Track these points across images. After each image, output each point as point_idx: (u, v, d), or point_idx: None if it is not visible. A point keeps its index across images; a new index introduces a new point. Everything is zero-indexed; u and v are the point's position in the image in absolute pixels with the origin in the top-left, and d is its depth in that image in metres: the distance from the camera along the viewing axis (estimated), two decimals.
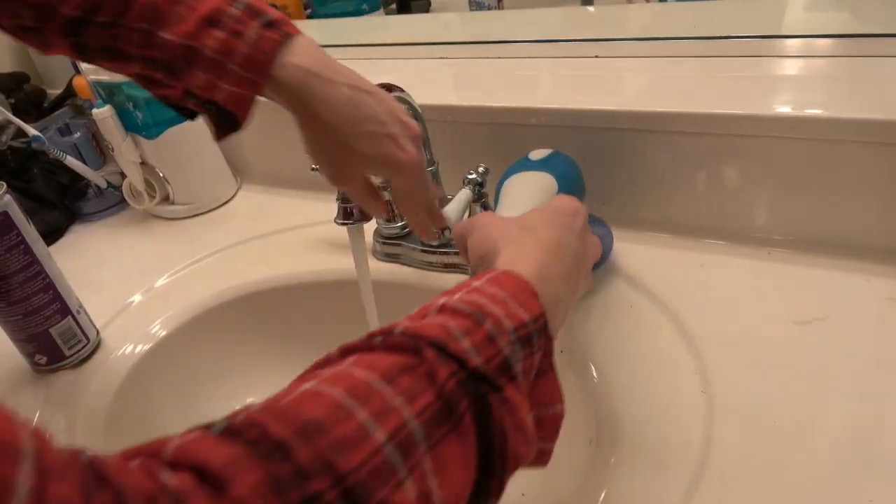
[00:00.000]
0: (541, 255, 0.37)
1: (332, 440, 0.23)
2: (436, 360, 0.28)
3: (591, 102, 0.61)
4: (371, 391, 0.26)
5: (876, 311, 0.50)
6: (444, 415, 0.27)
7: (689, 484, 0.41)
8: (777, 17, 0.75)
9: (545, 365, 0.34)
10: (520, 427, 0.29)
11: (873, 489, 0.38)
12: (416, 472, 0.25)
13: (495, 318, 0.31)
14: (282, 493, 0.21)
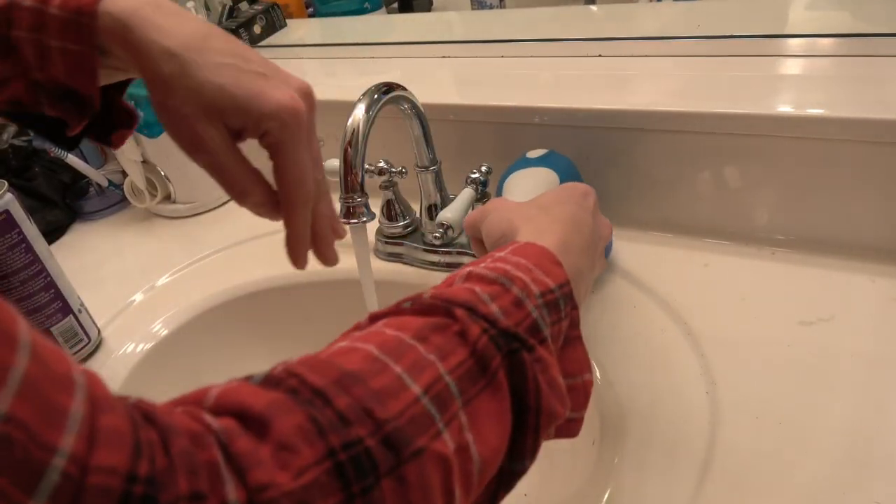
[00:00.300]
0: (560, 228, 0.38)
1: (370, 390, 0.24)
2: (467, 320, 0.28)
3: (595, 102, 0.61)
4: (404, 347, 0.26)
5: (881, 312, 0.49)
6: (477, 372, 0.27)
7: (693, 485, 0.41)
8: (779, 16, 0.74)
9: (572, 335, 0.34)
10: (552, 385, 0.29)
11: (879, 490, 0.38)
12: (454, 423, 0.25)
13: (522, 282, 0.31)
14: (324, 435, 0.21)
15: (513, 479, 0.29)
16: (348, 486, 0.21)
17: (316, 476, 0.21)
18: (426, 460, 0.23)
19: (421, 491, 0.23)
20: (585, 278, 0.38)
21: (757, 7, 0.78)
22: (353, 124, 0.49)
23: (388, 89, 0.52)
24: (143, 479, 0.18)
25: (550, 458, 0.56)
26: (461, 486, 0.25)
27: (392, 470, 0.22)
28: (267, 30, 0.98)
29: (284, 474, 0.20)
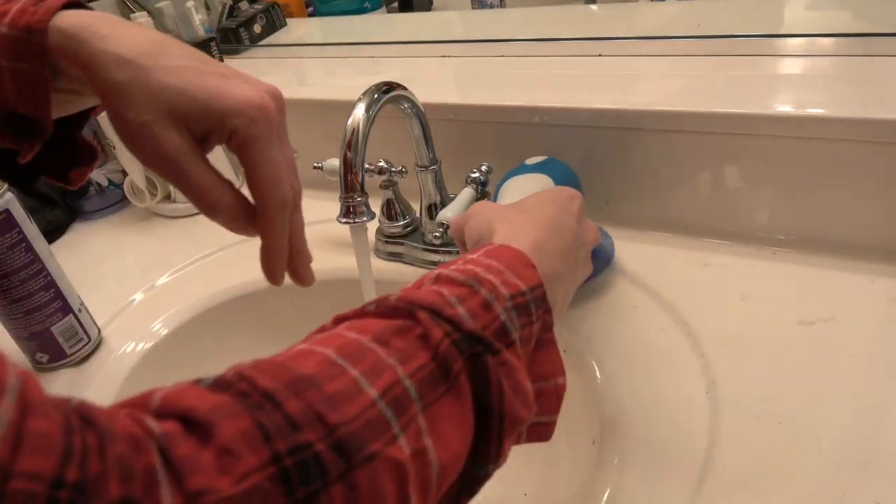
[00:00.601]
0: (537, 230, 0.37)
1: (323, 394, 0.23)
2: (430, 323, 0.27)
3: (595, 101, 0.61)
4: (363, 350, 0.25)
5: (881, 312, 0.49)
6: (439, 376, 0.26)
7: (693, 485, 0.41)
8: (779, 16, 0.74)
9: (545, 338, 0.33)
10: (517, 390, 0.29)
11: (878, 490, 0.38)
12: (411, 428, 0.24)
13: (491, 285, 0.31)
14: (269, 440, 0.21)
15: (476, 484, 0.28)
16: (292, 492, 0.20)
17: (258, 481, 0.20)
18: (379, 466, 0.23)
19: (372, 498, 0.22)
20: (564, 281, 0.37)
21: (757, 7, 0.78)
22: (353, 124, 0.49)
23: (388, 89, 0.52)
24: (70, 484, 0.17)
25: (550, 457, 0.56)
26: (417, 492, 0.24)
27: (342, 476, 0.22)
28: (267, 29, 0.98)
29: (224, 480, 0.19)
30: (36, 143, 0.36)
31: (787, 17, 0.75)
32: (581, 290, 0.57)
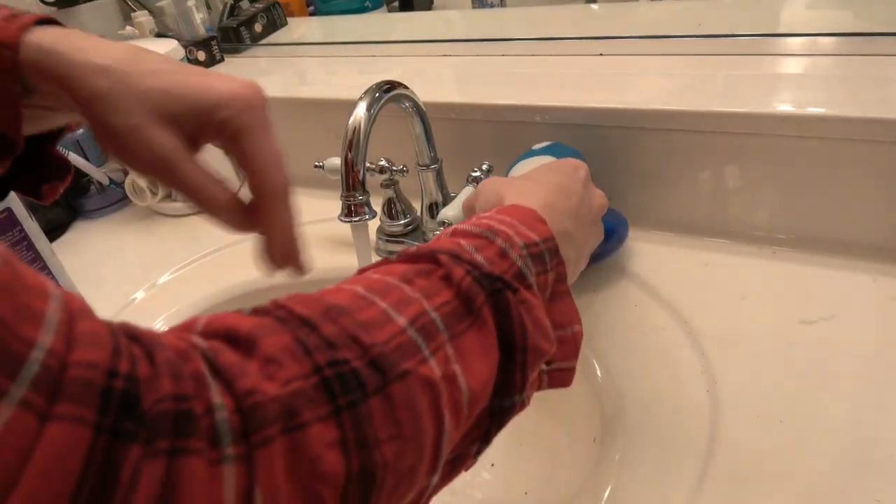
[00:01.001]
0: (546, 193, 0.39)
1: (356, 321, 0.24)
2: (451, 264, 0.29)
3: (596, 101, 0.61)
4: (390, 287, 0.27)
5: (882, 311, 0.49)
6: (463, 311, 0.27)
7: (694, 482, 0.41)
8: (779, 15, 0.74)
9: (560, 289, 0.35)
10: (538, 324, 0.30)
11: (879, 489, 0.38)
12: (440, 354, 0.25)
13: (506, 235, 0.32)
14: (310, 354, 0.22)
15: (504, 417, 0.29)
16: (335, 399, 0.21)
17: (302, 387, 0.21)
18: (413, 382, 0.24)
19: (408, 411, 0.23)
20: (575, 241, 0.39)
21: (758, 6, 0.78)
22: (354, 123, 0.49)
23: (389, 88, 0.52)
24: (123, 374, 0.18)
25: (551, 455, 0.56)
26: (451, 413, 0.25)
27: (379, 389, 0.23)
28: (268, 28, 0.98)
29: (271, 384, 0.20)
30: (6, 158, 0.36)
31: (788, 17, 0.75)
32: (581, 289, 0.57)
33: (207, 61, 0.91)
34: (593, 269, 0.59)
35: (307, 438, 0.20)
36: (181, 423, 0.18)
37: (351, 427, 0.21)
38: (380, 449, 0.22)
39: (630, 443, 0.44)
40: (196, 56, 0.90)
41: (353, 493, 0.21)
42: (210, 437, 0.18)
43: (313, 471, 0.20)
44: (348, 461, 0.21)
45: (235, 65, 0.93)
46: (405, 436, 0.23)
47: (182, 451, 0.18)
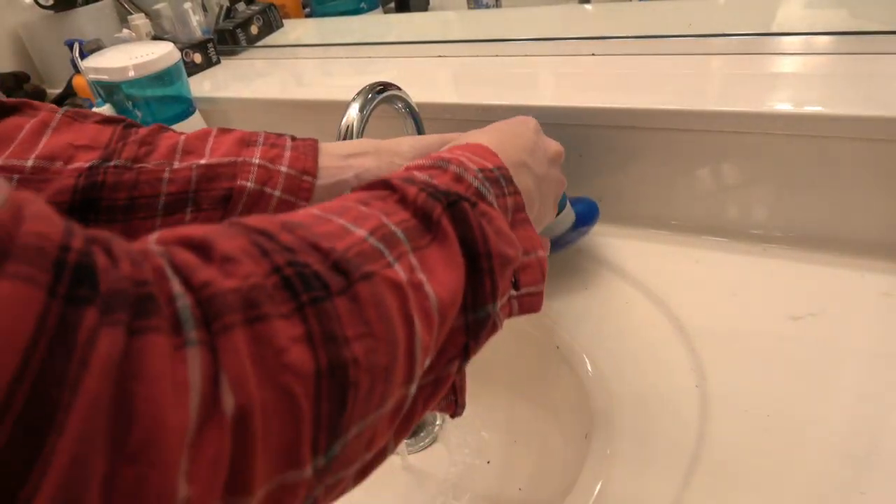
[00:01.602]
0: (495, 133, 0.40)
1: (314, 232, 0.23)
2: (405, 186, 0.28)
3: (587, 100, 0.61)
4: (347, 207, 0.26)
5: (870, 306, 0.50)
6: (423, 228, 0.27)
7: (683, 476, 0.41)
8: (772, 14, 0.75)
9: (519, 218, 0.35)
10: (500, 232, 0.29)
11: (864, 482, 0.39)
12: (404, 261, 0.25)
13: (459, 162, 0.32)
14: (268, 255, 0.21)
15: (479, 330, 0.29)
16: (297, 297, 0.20)
17: (261, 283, 0.20)
18: (378, 282, 0.23)
19: (376, 309, 0.22)
20: (533, 173, 0.39)
21: (751, 6, 0.78)
22: (346, 123, 0.49)
23: (382, 89, 0.52)
24: (77, 250, 0.16)
25: (544, 452, 0.56)
26: (421, 319, 0.24)
27: (344, 290, 0.22)
28: (264, 30, 0.99)
29: (229, 280, 0.19)
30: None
31: (782, 16, 0.75)
32: (572, 286, 0.57)
33: (204, 63, 0.92)
34: (583, 267, 0.59)
35: (270, 331, 0.19)
36: (142, 304, 0.17)
37: (316, 322, 0.20)
38: (349, 346, 0.21)
39: (620, 438, 0.45)
40: (192, 58, 0.90)
41: (327, 389, 0.20)
42: (172, 322, 0.17)
43: (279, 362, 0.19)
44: (316, 356, 0.20)
45: (232, 67, 0.94)
46: (375, 335, 0.22)
47: (143, 329, 0.17)
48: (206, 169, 0.38)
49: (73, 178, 0.36)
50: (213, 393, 0.17)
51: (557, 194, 0.45)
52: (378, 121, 0.53)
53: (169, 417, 0.16)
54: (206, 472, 0.17)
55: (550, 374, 0.57)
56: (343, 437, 0.21)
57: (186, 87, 0.80)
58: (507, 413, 0.64)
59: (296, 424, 0.19)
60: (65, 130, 0.38)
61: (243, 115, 0.84)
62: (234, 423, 0.18)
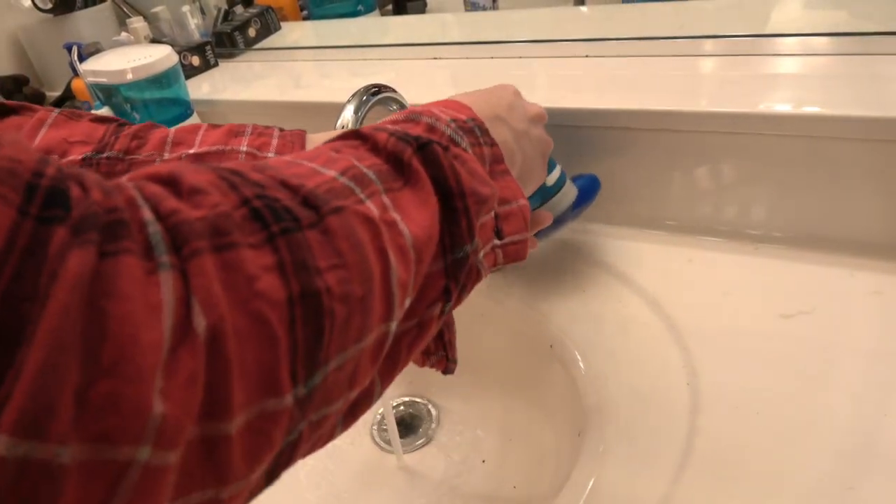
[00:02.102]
0: (471, 95, 0.40)
1: (285, 173, 0.23)
2: (375, 134, 0.28)
3: (580, 101, 0.62)
4: (318, 153, 0.26)
5: (860, 305, 0.51)
6: (395, 172, 0.27)
7: (674, 472, 0.42)
8: (765, 15, 0.76)
9: (498, 169, 0.35)
10: (472, 172, 0.29)
11: (852, 476, 0.39)
12: (375, 199, 0.25)
13: (431, 114, 0.33)
14: (236, 188, 0.21)
15: (459, 270, 0.28)
16: (267, 227, 0.20)
17: (229, 212, 0.20)
18: (349, 216, 0.23)
19: (349, 241, 0.22)
20: (511, 126, 0.40)
21: (744, 7, 0.79)
22: (341, 124, 0.50)
23: (376, 91, 0.53)
24: (50, 176, 0.16)
25: (538, 450, 0.57)
26: (395, 253, 0.24)
27: (314, 224, 0.22)
28: (262, 33, 0.99)
29: (197, 210, 0.19)
30: None
31: (774, 17, 0.76)
32: (566, 286, 0.58)
33: (202, 66, 0.93)
34: (577, 266, 0.60)
35: (239, 258, 0.19)
36: (114, 228, 0.17)
37: (287, 252, 0.20)
38: (321, 276, 0.21)
39: (613, 435, 0.45)
40: (191, 61, 0.91)
41: (302, 317, 0.20)
42: (144, 246, 0.18)
43: (251, 289, 0.19)
44: (287, 284, 0.20)
45: (230, 69, 0.94)
46: (348, 264, 0.22)
47: (116, 252, 0.17)
48: (194, 158, 0.39)
49: None
50: (185, 314, 0.18)
51: (545, 153, 0.45)
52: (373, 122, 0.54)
53: (142, 335, 0.16)
54: (181, 392, 0.17)
55: (544, 373, 0.57)
56: (323, 367, 0.21)
57: (184, 89, 0.80)
58: (502, 412, 0.64)
59: (272, 350, 0.19)
60: (61, 127, 0.39)
61: (241, 117, 0.85)
62: (208, 344, 0.18)
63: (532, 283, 0.60)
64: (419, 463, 0.64)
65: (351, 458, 0.65)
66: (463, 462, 0.62)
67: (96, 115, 0.41)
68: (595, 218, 0.62)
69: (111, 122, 0.41)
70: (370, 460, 0.65)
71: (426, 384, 0.70)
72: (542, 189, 0.54)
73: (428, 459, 0.64)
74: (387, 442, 0.65)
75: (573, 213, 0.57)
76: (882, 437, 0.41)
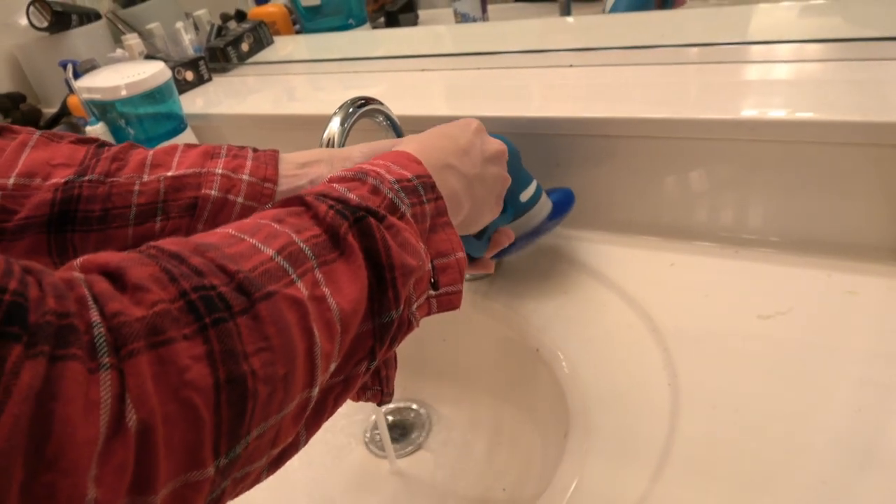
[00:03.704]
0: (426, 138, 0.42)
1: (224, 254, 0.25)
2: (317, 203, 0.30)
3: (563, 110, 0.63)
4: (260, 226, 0.28)
5: (836, 304, 0.52)
6: (331, 244, 0.29)
7: (654, 470, 0.43)
8: (744, 24, 0.77)
9: (440, 222, 0.37)
10: (404, 244, 0.32)
11: (826, 471, 0.40)
12: (308, 277, 0.27)
13: (377, 174, 0.34)
14: (176, 281, 0.23)
15: (385, 334, 0.31)
16: (201, 319, 0.23)
17: (167, 308, 0.22)
18: (279, 301, 0.25)
19: (275, 325, 0.25)
20: (462, 174, 0.41)
21: (724, 16, 0.80)
22: (327, 136, 0.51)
23: (363, 103, 0.54)
24: (12, 291, 0.19)
25: (526, 453, 0.58)
26: (321, 328, 0.26)
27: (245, 310, 0.24)
28: (255, 47, 1.01)
29: (138, 308, 0.22)
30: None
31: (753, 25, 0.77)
32: (551, 290, 0.59)
33: (196, 81, 0.94)
34: (561, 271, 0.61)
35: (173, 352, 0.22)
36: (63, 334, 0.20)
37: (217, 342, 0.23)
38: (248, 360, 0.23)
39: (596, 436, 0.47)
40: (185, 76, 0.93)
41: (227, 400, 0.23)
42: (89, 349, 0.20)
43: (181, 379, 0.22)
44: (215, 371, 0.22)
45: (224, 84, 0.96)
46: (274, 347, 0.24)
47: (63, 357, 0.19)
48: (173, 180, 0.41)
49: (51, 193, 0.39)
50: (120, 410, 0.20)
51: (500, 193, 0.46)
52: (362, 134, 0.55)
53: (80, 433, 0.19)
54: (111, 477, 0.20)
55: (531, 376, 0.58)
56: (244, 439, 0.24)
57: (178, 104, 0.82)
58: (491, 416, 0.65)
59: (197, 431, 0.22)
60: (42, 149, 0.41)
61: (235, 131, 0.86)
62: (138, 436, 0.20)
63: (517, 288, 0.61)
64: (412, 467, 0.65)
65: (344, 464, 0.66)
66: (453, 466, 0.63)
67: (76, 136, 0.43)
68: (579, 223, 0.64)
69: (90, 142, 0.43)
70: (363, 466, 0.66)
71: (418, 389, 0.71)
72: (516, 204, 0.55)
73: (420, 464, 0.65)
74: (379, 447, 0.66)
75: (547, 226, 0.59)
76: (858, 433, 0.42)
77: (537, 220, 0.58)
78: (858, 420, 0.43)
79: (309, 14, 1.08)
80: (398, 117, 0.59)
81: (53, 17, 0.94)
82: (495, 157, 0.45)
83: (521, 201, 0.56)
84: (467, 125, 0.45)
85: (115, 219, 0.40)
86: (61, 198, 0.39)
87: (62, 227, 0.39)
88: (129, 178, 0.41)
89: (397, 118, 0.59)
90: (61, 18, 0.95)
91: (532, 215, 0.57)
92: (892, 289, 0.52)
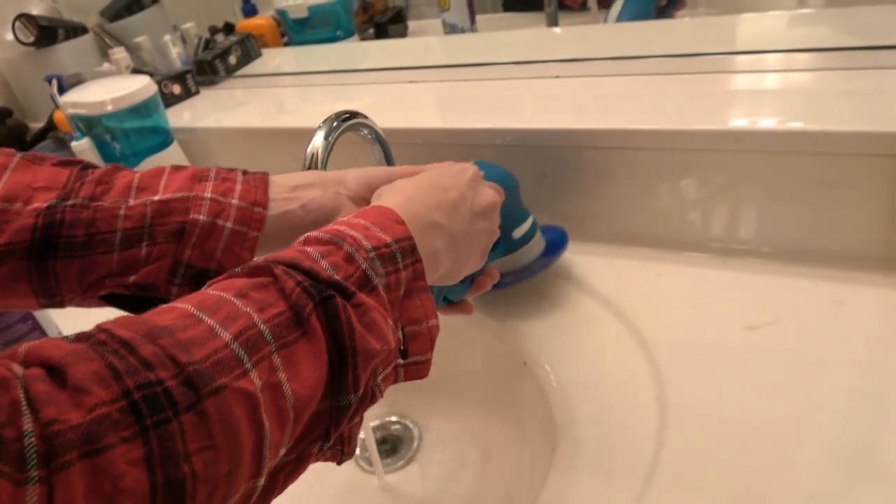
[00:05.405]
0: (412, 189, 0.40)
1: (177, 340, 0.25)
2: (284, 276, 0.29)
3: (549, 122, 0.63)
4: (222, 302, 0.27)
5: (823, 314, 0.52)
6: (294, 322, 0.28)
7: (642, 484, 0.43)
8: (732, 34, 0.77)
9: (416, 286, 0.36)
10: (370, 325, 0.31)
11: (813, 484, 0.40)
12: (263, 364, 0.26)
13: (353, 239, 0.33)
14: (120, 378, 0.23)
15: (341, 416, 0.30)
16: (142, 420, 0.22)
17: (107, 412, 0.22)
18: (228, 395, 0.24)
19: (222, 423, 0.24)
20: (447, 232, 0.40)
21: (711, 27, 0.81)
22: (311, 151, 0.51)
23: (347, 117, 0.54)
24: None
25: (516, 468, 0.58)
26: (272, 419, 0.26)
27: (191, 407, 0.23)
28: (242, 60, 1.01)
29: (76, 412, 0.21)
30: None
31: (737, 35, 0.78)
32: (539, 303, 0.59)
33: (183, 94, 0.94)
34: (550, 284, 0.61)
35: (108, 459, 0.21)
36: None
37: (157, 444, 0.22)
38: (189, 460, 0.23)
39: (583, 449, 0.46)
40: (172, 90, 0.92)
41: (163, 503, 0.22)
42: (18, 461, 0.20)
43: (116, 487, 0.21)
44: (152, 475, 0.22)
45: (212, 97, 0.96)
46: (218, 446, 0.24)
47: None
48: (159, 204, 0.40)
49: (33, 218, 0.38)
50: None
51: (485, 248, 0.45)
52: (348, 147, 0.55)
53: None
54: None
55: (519, 390, 0.58)
56: None
57: (164, 118, 0.82)
58: (479, 430, 0.65)
59: None
60: (23, 171, 0.39)
61: (223, 145, 0.86)
62: None
63: (505, 300, 0.61)
64: (401, 482, 0.64)
65: (332, 480, 0.66)
66: (443, 481, 0.62)
67: (59, 158, 0.42)
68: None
69: (74, 164, 0.41)
70: (351, 481, 0.65)
71: (408, 405, 0.70)
72: (508, 240, 0.54)
73: (409, 479, 0.64)
74: (367, 462, 0.66)
75: (539, 264, 0.58)
76: (847, 444, 0.42)
77: (528, 258, 0.57)
78: (847, 431, 0.43)
79: (297, 26, 1.08)
80: (387, 130, 0.59)
81: (39, 32, 0.94)
82: (486, 212, 0.44)
83: (513, 238, 0.55)
84: (462, 172, 0.44)
85: (100, 244, 0.39)
86: (43, 223, 0.38)
87: (44, 253, 0.38)
88: (115, 202, 0.39)
89: (386, 130, 0.59)
90: (47, 33, 0.95)
91: (523, 252, 0.56)
92: (881, 298, 0.52)
